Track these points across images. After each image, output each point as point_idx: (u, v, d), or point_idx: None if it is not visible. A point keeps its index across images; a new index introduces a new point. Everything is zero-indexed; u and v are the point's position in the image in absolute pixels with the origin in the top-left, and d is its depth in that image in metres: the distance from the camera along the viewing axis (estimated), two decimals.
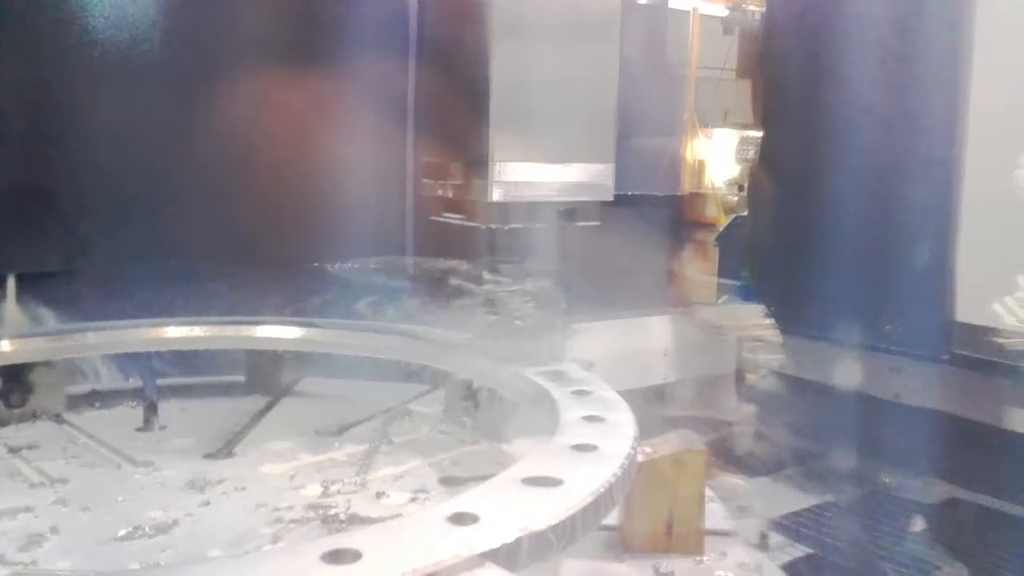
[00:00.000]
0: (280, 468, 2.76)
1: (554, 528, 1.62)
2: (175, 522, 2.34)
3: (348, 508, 2.43)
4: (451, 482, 2.65)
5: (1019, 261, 4.44)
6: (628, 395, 2.45)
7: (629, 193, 6.50)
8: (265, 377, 3.59)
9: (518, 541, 1.55)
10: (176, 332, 3.37)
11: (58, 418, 3.18)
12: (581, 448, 2.00)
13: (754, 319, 6.25)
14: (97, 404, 3.38)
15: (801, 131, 5.81)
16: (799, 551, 4.20)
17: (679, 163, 8.24)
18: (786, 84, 6.12)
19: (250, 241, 4.98)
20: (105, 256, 4.69)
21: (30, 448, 2.90)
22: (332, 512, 2.40)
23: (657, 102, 7.60)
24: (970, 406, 4.74)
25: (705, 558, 2.19)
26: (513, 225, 4.94)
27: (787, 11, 6.23)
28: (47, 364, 3.21)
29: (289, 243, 5.17)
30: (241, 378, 3.63)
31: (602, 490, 1.79)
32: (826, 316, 5.33)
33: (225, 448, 2.92)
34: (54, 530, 2.28)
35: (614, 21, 5.28)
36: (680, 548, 2.17)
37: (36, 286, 4.18)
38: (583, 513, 1.70)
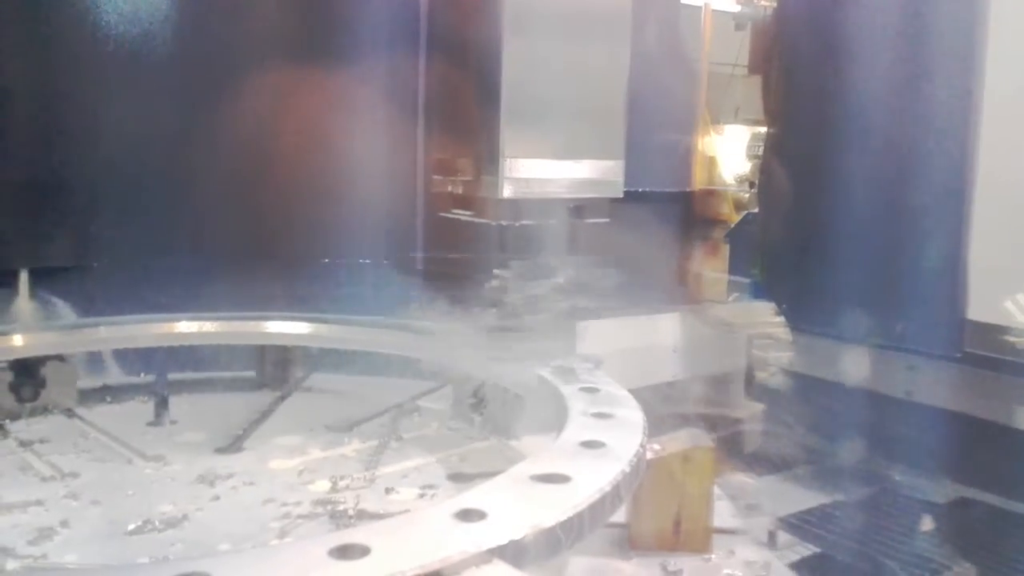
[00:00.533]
0: (289, 463, 2.77)
1: (562, 525, 1.62)
2: (185, 516, 2.36)
3: (357, 504, 2.43)
4: (459, 478, 2.65)
5: None
6: (637, 392, 2.44)
7: (639, 189, 6.47)
8: (275, 372, 3.61)
9: (526, 538, 1.55)
10: (187, 327, 3.39)
11: (69, 412, 3.20)
12: (589, 445, 2.00)
13: (765, 316, 6.23)
14: (108, 399, 3.40)
15: (811, 127, 5.78)
16: (807, 550, 4.19)
17: (690, 159, 8.21)
18: (796, 79, 6.09)
19: (260, 237, 4.99)
20: (116, 252, 4.71)
21: (41, 442, 2.92)
22: (341, 508, 2.41)
23: (668, 98, 7.56)
24: (981, 405, 4.71)
25: (713, 556, 2.18)
26: (524, 222, 4.93)
27: (797, 4, 6.20)
28: (59, 358, 3.23)
29: (299, 239, 5.17)
30: (251, 373, 3.65)
31: (610, 487, 1.78)
32: (836, 314, 5.30)
33: (235, 443, 2.93)
34: (64, 524, 2.29)
35: (625, 17, 5.27)
36: (688, 546, 2.17)
37: (47, 281, 4.20)
38: (591, 510, 1.70)
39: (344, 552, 1.45)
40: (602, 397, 2.39)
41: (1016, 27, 4.59)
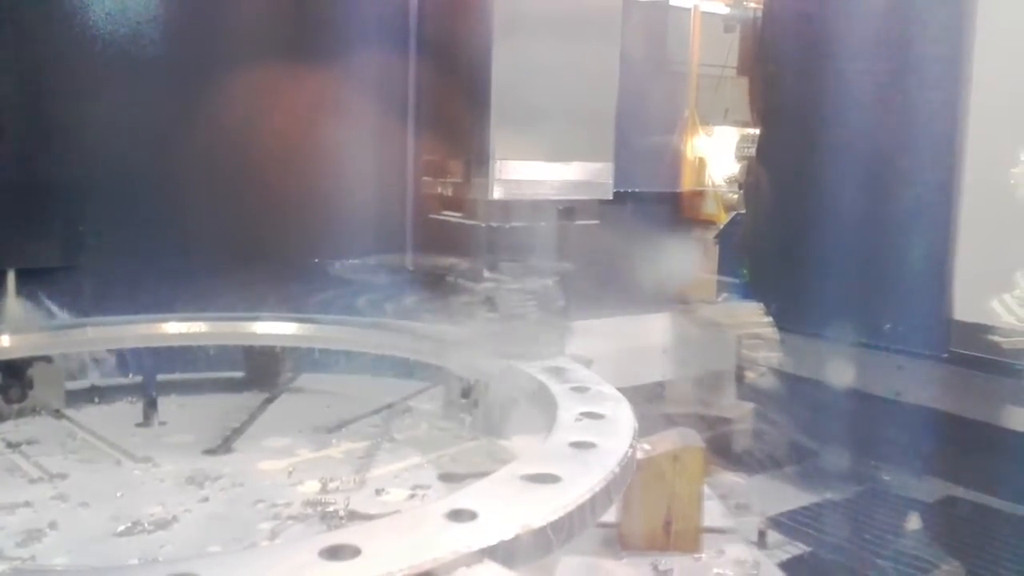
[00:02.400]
0: (279, 464, 2.76)
1: (552, 525, 1.62)
2: (174, 518, 2.35)
3: (347, 504, 2.43)
4: (450, 479, 2.65)
5: (1017, 259, 4.45)
6: (626, 392, 2.45)
7: (629, 190, 6.49)
8: (264, 373, 3.60)
9: (516, 538, 1.55)
10: (175, 328, 3.37)
11: (57, 413, 3.19)
12: (579, 445, 2.00)
13: (753, 317, 6.25)
14: (97, 400, 3.38)
15: (798, 128, 5.81)
16: (797, 549, 4.21)
17: (679, 161, 8.23)
18: (783, 81, 6.12)
19: (249, 237, 4.98)
20: (105, 252, 4.69)
21: (29, 443, 2.90)
22: (331, 509, 2.41)
23: (658, 100, 7.59)
24: (967, 404, 4.74)
25: (703, 556, 2.19)
26: (513, 223, 4.94)
27: (785, 7, 6.23)
28: (46, 359, 3.21)
29: (289, 240, 5.16)
30: (240, 374, 3.64)
31: (600, 487, 1.79)
32: (823, 314, 5.33)
33: (224, 444, 2.92)
34: (53, 525, 2.28)
35: (615, 19, 5.28)
36: (678, 546, 2.17)
37: (35, 282, 4.18)
38: (581, 510, 1.70)
39: (335, 553, 1.45)
40: (592, 396, 2.40)
41: (1003, 31, 4.62)
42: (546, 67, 4.95)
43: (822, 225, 5.48)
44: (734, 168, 9.10)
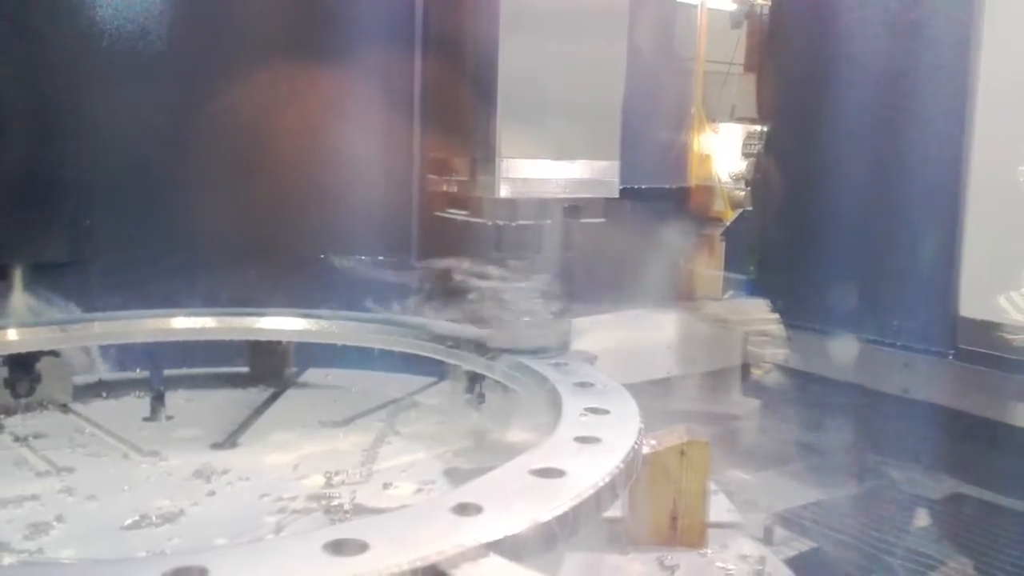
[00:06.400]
0: (285, 459, 2.77)
1: (558, 519, 1.62)
2: (181, 511, 2.35)
3: (353, 499, 2.43)
4: (456, 473, 2.65)
5: None
6: (632, 389, 2.45)
7: (634, 186, 6.49)
8: (270, 368, 3.60)
9: (522, 532, 1.55)
10: (182, 323, 3.38)
11: (65, 408, 3.20)
12: (585, 440, 2.00)
13: (760, 313, 6.25)
14: (104, 394, 3.40)
15: (806, 124, 5.79)
16: (803, 545, 4.21)
17: (686, 157, 8.22)
18: (792, 76, 6.10)
19: (254, 234, 4.98)
20: (111, 247, 4.70)
21: (36, 437, 2.91)
22: (336, 503, 2.41)
23: (664, 96, 7.58)
24: (975, 401, 4.73)
25: (709, 551, 2.19)
26: (520, 221, 4.94)
27: (793, 2, 6.21)
28: (54, 353, 3.22)
29: (294, 236, 5.17)
30: (246, 368, 3.65)
31: (606, 482, 1.79)
32: (830, 310, 5.32)
33: (230, 439, 2.93)
34: (60, 519, 2.29)
35: (622, 16, 5.27)
36: (684, 541, 2.18)
37: (42, 277, 4.19)
38: (586, 505, 1.70)
39: (341, 547, 1.45)
40: (597, 392, 2.40)
41: (1011, 25, 4.60)
42: (553, 64, 4.94)
43: (829, 222, 5.47)
44: (740, 165, 9.10)
